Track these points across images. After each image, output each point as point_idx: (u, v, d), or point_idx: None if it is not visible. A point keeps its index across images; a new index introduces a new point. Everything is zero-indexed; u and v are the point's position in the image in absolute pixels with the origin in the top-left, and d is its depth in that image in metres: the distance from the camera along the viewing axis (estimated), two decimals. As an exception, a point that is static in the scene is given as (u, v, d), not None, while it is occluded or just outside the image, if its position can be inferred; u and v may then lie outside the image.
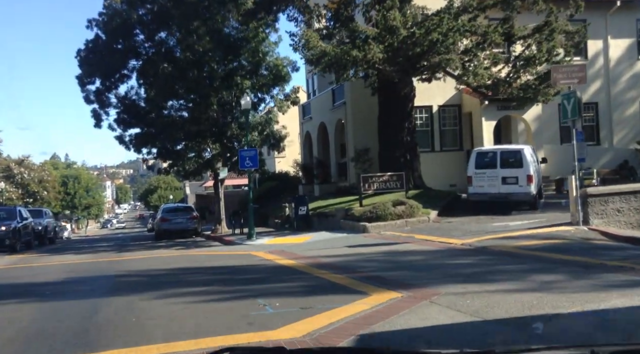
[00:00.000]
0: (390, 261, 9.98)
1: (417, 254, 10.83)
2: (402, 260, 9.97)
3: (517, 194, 17.25)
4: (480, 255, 9.90)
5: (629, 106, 27.24)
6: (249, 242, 16.78)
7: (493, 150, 17.96)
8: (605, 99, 27.20)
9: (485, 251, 10.41)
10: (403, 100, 20.27)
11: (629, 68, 27.17)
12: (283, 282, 8.06)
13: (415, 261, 9.79)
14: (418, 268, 8.59)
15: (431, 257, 10.15)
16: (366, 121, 25.67)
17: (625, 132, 27.28)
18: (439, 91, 25.31)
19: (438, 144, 25.66)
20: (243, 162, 17.24)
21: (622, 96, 27.15)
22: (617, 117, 27.20)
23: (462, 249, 10.93)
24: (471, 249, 10.80)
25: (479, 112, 24.51)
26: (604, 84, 27.11)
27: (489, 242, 11.29)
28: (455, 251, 10.73)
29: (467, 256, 9.97)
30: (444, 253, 10.61)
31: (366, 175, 18.93)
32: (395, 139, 20.36)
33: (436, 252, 10.80)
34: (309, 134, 32.50)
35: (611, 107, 27.15)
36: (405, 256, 10.55)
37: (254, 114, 22.70)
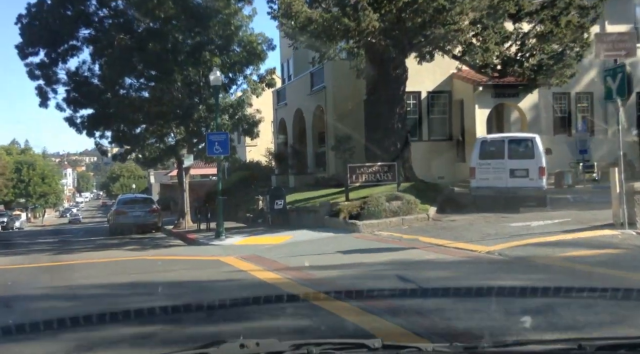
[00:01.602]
0: (407, 279, 7.38)
1: (438, 267, 8.29)
2: (422, 277, 7.39)
3: (527, 189, 14.91)
4: (526, 271, 7.41)
5: (625, 96, 25.28)
6: (216, 242, 14.00)
7: (500, 138, 15.57)
8: (600, 88, 25.10)
9: (528, 264, 7.93)
10: (394, 82, 17.71)
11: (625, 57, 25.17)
12: (267, 318, 5.36)
13: (442, 279, 7.22)
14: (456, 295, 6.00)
15: (461, 273, 7.60)
16: (348, 107, 23.06)
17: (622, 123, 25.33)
18: (428, 76, 22.86)
19: (426, 133, 23.24)
20: (211, 147, 14.42)
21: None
22: (613, 108, 25.22)
23: (494, 261, 8.43)
24: (506, 261, 8.32)
25: (472, 99, 22.15)
26: (600, 73, 25.03)
27: (523, 251, 8.82)
28: (488, 264, 8.23)
29: (509, 272, 7.47)
30: (473, 267, 8.10)
31: (354, 165, 16.33)
32: (385, 126, 17.80)
33: (462, 265, 8.27)
34: (284, 121, 29.71)
35: (607, 97, 25.15)
36: (423, 270, 7.98)
37: (225, 95, 19.79)
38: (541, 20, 15.04)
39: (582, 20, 15.41)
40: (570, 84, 24.51)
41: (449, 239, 10.90)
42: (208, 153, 14.91)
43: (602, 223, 10.84)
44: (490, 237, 10.58)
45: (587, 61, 24.64)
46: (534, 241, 9.54)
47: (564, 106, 25.12)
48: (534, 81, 15.47)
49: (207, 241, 14.48)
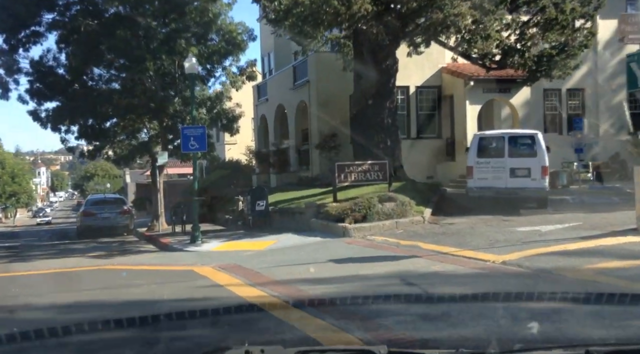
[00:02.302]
0: (417, 298, 6.10)
1: (450, 281, 7.04)
2: (436, 294, 6.12)
3: (529, 190, 13.80)
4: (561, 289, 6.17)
5: (616, 94, 24.47)
6: (192, 248, 12.58)
7: (499, 134, 14.43)
8: (592, 85, 24.35)
9: (556, 279, 6.73)
10: (384, 74, 16.45)
11: (617, 52, 24.29)
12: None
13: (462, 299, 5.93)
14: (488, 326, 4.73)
15: (481, 289, 6.33)
16: (333, 102, 21.80)
17: (612, 122, 24.54)
18: (416, 70, 21.72)
19: (415, 131, 22.09)
20: (187, 142, 12.97)
21: (609, 82, 24.35)
22: (604, 105, 24.41)
23: (515, 274, 7.21)
24: (529, 275, 7.10)
25: (463, 95, 21.06)
26: (591, 69, 24.20)
27: (544, 262, 7.62)
28: (508, 278, 7.01)
29: (540, 289, 6.22)
30: (492, 281, 6.86)
31: (342, 163, 15.04)
32: (374, 122, 16.54)
33: (479, 280, 7.03)
34: (265, 117, 28.31)
35: (598, 94, 24.33)
36: (434, 285, 6.72)
37: (202, 87, 18.32)
38: (542, 8, 13.89)
39: (585, 9, 14.34)
40: (561, 81, 23.63)
41: (453, 245, 9.68)
42: (183, 149, 13.46)
43: (622, 228, 9.73)
44: (500, 244, 9.38)
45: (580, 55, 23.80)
46: (553, 250, 8.35)
47: (555, 102, 24.20)
48: (535, 73, 14.36)
49: (182, 246, 13.04)
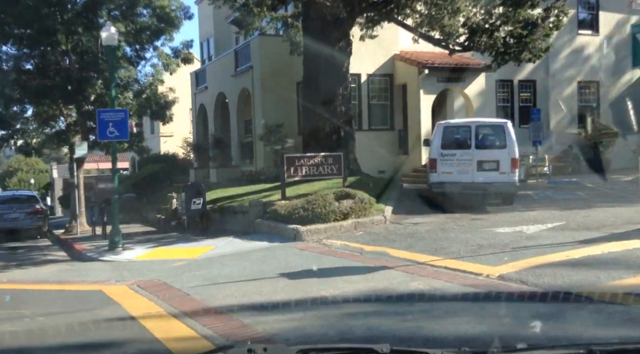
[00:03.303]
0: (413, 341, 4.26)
1: (445, 307, 5.27)
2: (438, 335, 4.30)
3: (498, 185, 12.34)
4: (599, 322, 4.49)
5: (567, 86, 23.79)
6: (109, 256, 10.27)
7: (465, 123, 12.90)
8: (543, 76, 23.51)
9: (581, 304, 5.07)
10: (337, 57, 14.62)
11: (568, 43, 23.63)
12: None
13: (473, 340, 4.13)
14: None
15: (494, 324, 4.57)
16: (280, 89, 19.81)
17: (563, 115, 23.84)
18: (368, 56, 20.05)
19: (366, 122, 20.43)
20: (104, 129, 10.59)
21: (560, 73, 23.62)
22: (555, 97, 23.64)
23: (525, 294, 5.51)
24: (540, 295, 5.42)
25: (417, 84, 19.59)
26: (542, 60, 23.25)
27: (551, 276, 5.98)
28: (516, 302, 5.30)
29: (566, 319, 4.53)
30: (506, 309, 5.12)
31: (292, 156, 13.11)
32: (327, 110, 14.68)
33: (482, 306, 5.30)
34: (204, 107, 25.92)
35: (549, 86, 23.53)
36: (430, 316, 4.91)
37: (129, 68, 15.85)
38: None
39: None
40: (513, 71, 22.58)
41: (428, 252, 7.97)
42: (100, 137, 11.06)
43: (619, 229, 8.31)
44: (485, 250, 7.74)
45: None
46: (554, 259, 6.76)
47: (507, 94, 23.21)
48: (503, 56, 12.93)
49: (98, 254, 10.69)
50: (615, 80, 24.26)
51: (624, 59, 24.17)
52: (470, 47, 13.38)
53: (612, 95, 24.30)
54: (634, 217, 9.71)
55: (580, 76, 23.87)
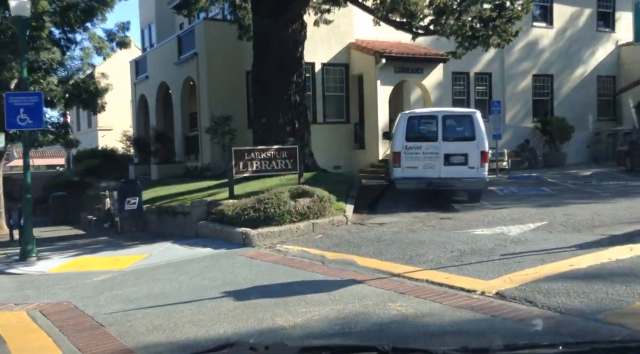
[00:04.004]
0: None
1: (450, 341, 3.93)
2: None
3: (466, 181, 11.25)
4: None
5: (522, 79, 23.24)
6: (19, 268, 8.43)
7: (431, 113, 11.72)
8: (498, 69, 22.85)
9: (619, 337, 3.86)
10: (291, 41, 13.19)
11: (523, 35, 22.96)
12: None
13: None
14: None
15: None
16: (227, 79, 18.21)
17: (518, 109, 23.29)
18: (322, 44, 18.73)
19: (321, 114, 19.08)
20: (14, 115, 8.66)
21: (515, 67, 23.03)
22: (510, 91, 23.05)
23: (533, 319, 4.27)
24: (559, 323, 4.18)
25: (374, 74, 18.41)
26: (498, 53, 22.61)
27: (560, 292, 4.78)
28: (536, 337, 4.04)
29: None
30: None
31: (241, 149, 11.58)
32: (280, 99, 13.25)
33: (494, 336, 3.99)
34: (145, 98, 23.89)
35: (505, 79, 22.90)
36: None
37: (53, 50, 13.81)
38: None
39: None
40: (469, 64, 21.81)
41: (402, 260, 6.69)
42: (7, 126, 9.06)
43: (618, 231, 7.28)
44: (467, 257, 6.53)
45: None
46: (558, 270, 5.59)
47: (463, 87, 22.40)
48: (472, 40, 11.83)
49: (5, 265, 8.80)
50: (569, 74, 23.91)
51: (578, 52, 23.87)
52: (435, 30, 12.25)
53: (565, 89, 23.95)
54: (619, 215, 8.78)
55: (535, 69, 23.37)
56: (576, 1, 23.36)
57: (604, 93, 24.75)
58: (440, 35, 12.89)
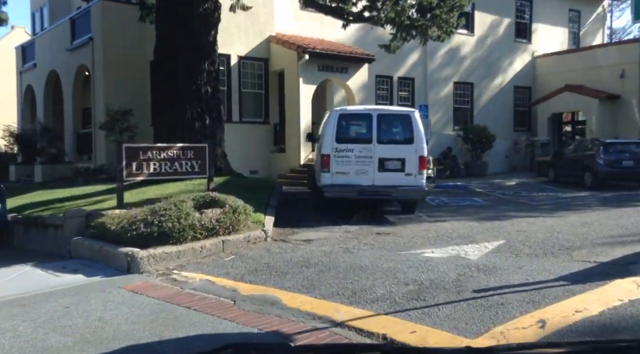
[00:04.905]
0: None
1: None
2: None
3: (403, 190, 9.69)
4: None
5: (444, 86, 22.46)
6: None
7: (366, 112, 10.03)
8: (421, 74, 21.92)
9: None
10: (203, 21, 11.06)
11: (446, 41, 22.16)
12: None
13: None
14: None
15: None
16: (128, 68, 15.67)
17: (440, 115, 22.45)
18: (239, 35, 16.69)
19: (237, 112, 16.96)
20: None
21: (438, 73, 22.21)
22: (433, 97, 22.17)
23: None
24: None
25: (296, 71, 16.61)
26: (421, 57, 21.77)
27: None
28: None
29: None
30: None
31: (134, 146, 9.26)
32: (187, 90, 11.05)
33: None
34: (32, 89, 20.52)
35: (427, 85, 21.99)
36: None
37: None
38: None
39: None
40: (393, 67, 20.71)
41: (343, 297, 4.86)
42: None
43: (603, 257, 5.88)
44: (428, 293, 4.82)
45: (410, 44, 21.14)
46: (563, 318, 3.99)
47: (387, 91, 21.21)
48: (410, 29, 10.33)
49: None
50: (488, 83, 23.48)
51: (497, 61, 23.51)
52: (370, 17, 10.64)
53: (484, 98, 23.50)
54: (581, 233, 7.53)
55: (456, 77, 22.69)
56: (496, 10, 23.00)
57: (520, 103, 24.62)
58: (374, 23, 11.32)
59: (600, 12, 26.57)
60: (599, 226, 8.11)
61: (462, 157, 21.45)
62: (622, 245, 6.29)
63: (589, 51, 23.16)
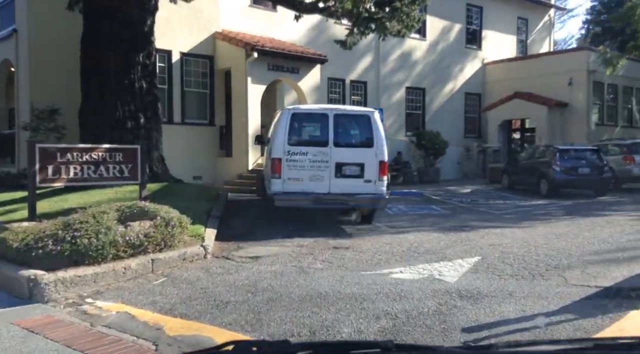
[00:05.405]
0: None
1: None
2: None
3: (363, 198, 8.68)
4: None
5: (396, 90, 21.81)
6: None
7: (321, 111, 8.95)
8: (374, 78, 21.18)
9: None
10: (138, 8, 9.71)
11: (398, 45, 21.67)
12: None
13: None
14: None
15: None
16: (56, 63, 14.01)
17: (393, 120, 21.74)
18: (182, 30, 15.32)
19: (179, 113, 15.54)
20: None
21: (390, 77, 21.54)
22: (386, 101, 21.46)
23: None
24: None
25: (244, 70, 15.39)
26: (374, 61, 21.07)
27: None
28: None
29: None
30: None
31: (51, 147, 7.81)
32: (120, 84, 9.66)
33: None
34: (-51, 84, 18.27)
35: (380, 89, 21.28)
36: None
37: None
38: None
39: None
40: (345, 70, 19.88)
41: (299, 336, 3.78)
42: None
43: (610, 280, 5.04)
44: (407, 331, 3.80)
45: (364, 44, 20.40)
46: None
47: (339, 94, 20.33)
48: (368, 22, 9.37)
49: None
50: (439, 89, 23.04)
51: (448, 67, 23.11)
52: (324, 8, 9.62)
53: (436, 104, 23.03)
54: (561, 248, 6.75)
55: (408, 82, 22.10)
56: (448, 15, 22.60)
57: (471, 110, 24.32)
58: (329, 15, 10.33)
59: (547, 20, 26.78)
60: (575, 238, 7.39)
61: (415, 164, 20.82)
62: (616, 264, 5.52)
63: (538, 59, 23.15)
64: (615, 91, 22.82)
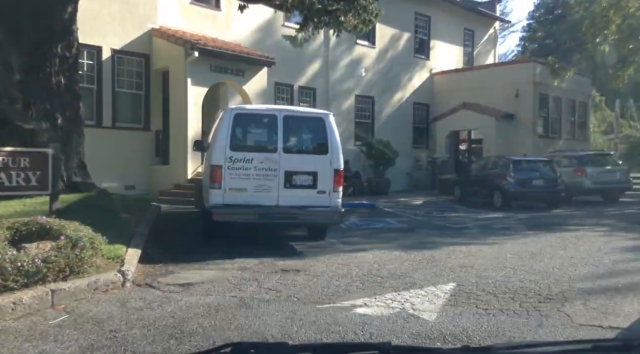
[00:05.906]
0: None
1: None
2: None
3: (316, 212, 7.59)
4: None
5: (345, 98, 21.02)
6: None
7: (269, 112, 7.80)
8: (323, 85, 20.29)
9: None
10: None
11: (347, 52, 20.94)
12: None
13: None
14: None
15: None
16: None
17: (342, 129, 20.64)
18: (114, 25, 13.85)
19: (108, 116, 13.98)
20: None
21: (340, 85, 20.73)
22: (335, 109, 20.54)
23: None
24: None
25: (183, 70, 14.08)
26: (323, 67, 20.21)
27: None
28: None
29: None
30: None
31: None
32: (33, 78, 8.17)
33: None
34: None
35: (329, 96, 20.40)
36: None
37: None
38: None
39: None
40: (294, 75, 18.91)
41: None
42: None
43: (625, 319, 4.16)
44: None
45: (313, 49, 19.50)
46: None
47: (287, 100, 19.28)
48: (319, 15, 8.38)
49: None
50: (388, 98, 22.45)
51: (397, 76, 22.57)
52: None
53: (385, 113, 22.41)
54: (540, 270, 5.93)
55: (357, 90, 21.37)
56: (397, 23, 22.07)
57: (419, 120, 23.87)
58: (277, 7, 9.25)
59: (492, 33, 26.89)
60: (552, 258, 6.63)
61: (364, 174, 20.02)
62: (619, 294, 4.71)
63: (486, 70, 23.03)
64: (559, 104, 22.98)
